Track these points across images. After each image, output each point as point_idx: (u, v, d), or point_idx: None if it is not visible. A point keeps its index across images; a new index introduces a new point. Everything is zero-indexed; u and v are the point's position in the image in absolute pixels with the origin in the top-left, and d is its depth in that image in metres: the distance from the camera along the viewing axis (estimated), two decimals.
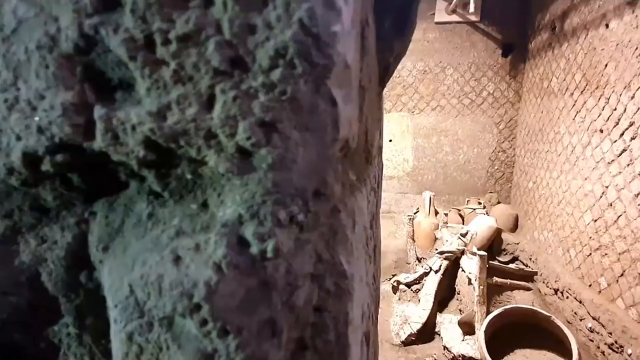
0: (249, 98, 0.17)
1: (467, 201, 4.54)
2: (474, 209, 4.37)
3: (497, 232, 4.16)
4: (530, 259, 3.82)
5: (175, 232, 0.19)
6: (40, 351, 0.24)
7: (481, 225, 4.07)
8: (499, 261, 4.12)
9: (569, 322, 3.07)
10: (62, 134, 0.17)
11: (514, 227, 4.32)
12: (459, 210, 4.40)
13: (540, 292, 3.58)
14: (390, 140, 4.76)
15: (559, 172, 3.43)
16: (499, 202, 4.56)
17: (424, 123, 4.64)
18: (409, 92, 4.61)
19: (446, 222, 4.07)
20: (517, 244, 4.12)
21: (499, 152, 4.52)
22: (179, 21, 0.16)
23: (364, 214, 0.37)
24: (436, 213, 4.30)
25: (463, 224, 4.30)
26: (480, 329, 2.32)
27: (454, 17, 4.26)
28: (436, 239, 4.01)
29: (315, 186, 0.20)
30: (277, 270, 0.19)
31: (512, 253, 4.17)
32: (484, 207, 4.42)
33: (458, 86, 4.47)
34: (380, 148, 0.66)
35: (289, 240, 0.19)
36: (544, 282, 3.51)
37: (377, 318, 0.68)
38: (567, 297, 3.10)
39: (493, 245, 4.20)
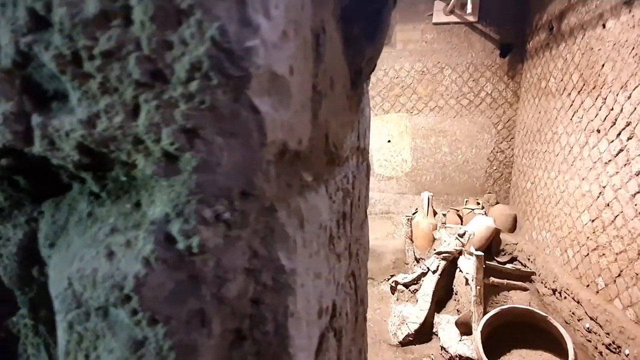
0: (170, 107, 0.19)
1: (466, 201, 4.54)
2: (473, 210, 4.36)
3: (496, 233, 4.15)
4: (529, 259, 3.81)
5: (110, 229, 0.21)
6: (2, 340, 0.26)
7: (479, 226, 4.07)
8: (498, 261, 4.12)
9: (566, 323, 3.07)
10: (5, 140, 0.19)
11: (513, 228, 4.31)
12: (458, 210, 4.40)
13: (538, 292, 3.57)
14: (389, 141, 4.77)
15: (557, 173, 3.42)
16: (497, 203, 4.55)
17: (422, 124, 4.64)
18: (407, 93, 4.62)
19: (444, 223, 4.07)
20: (516, 244, 4.11)
21: (497, 152, 4.52)
22: (102, 39, 0.18)
23: (321, 213, 0.39)
24: (435, 213, 4.30)
25: (462, 224, 4.30)
26: (477, 329, 2.32)
27: (452, 18, 4.27)
28: (434, 239, 4.01)
29: (242, 187, 0.21)
30: (206, 264, 0.21)
31: (510, 253, 4.16)
32: (483, 208, 4.42)
33: (456, 87, 4.47)
34: (359, 149, 0.67)
35: (216, 237, 0.21)
36: (542, 283, 3.50)
37: (359, 316, 0.69)
38: (565, 297, 3.10)
39: (491, 246, 4.19)
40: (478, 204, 4.47)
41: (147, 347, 0.20)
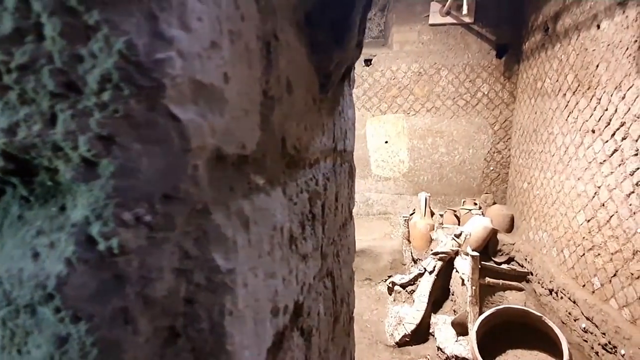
0: (85, 116, 0.20)
1: (463, 202, 4.53)
2: (470, 210, 4.36)
3: (493, 233, 4.15)
4: (526, 259, 3.80)
5: (37, 231, 0.22)
6: None
7: (476, 226, 4.07)
8: (495, 262, 4.11)
9: (563, 323, 3.06)
10: None
11: (510, 228, 4.31)
12: (455, 211, 4.40)
13: (535, 292, 3.56)
14: (386, 142, 4.78)
15: (553, 173, 3.42)
16: (494, 203, 4.54)
17: (419, 124, 4.65)
18: (404, 94, 4.63)
19: (442, 223, 4.07)
20: (513, 244, 4.10)
21: (494, 152, 4.51)
22: (17, 53, 0.19)
23: (275, 214, 0.40)
24: (432, 214, 4.30)
25: (459, 224, 4.30)
26: (472, 330, 2.32)
27: (448, 19, 4.28)
28: (432, 240, 4.01)
29: (164, 191, 0.23)
30: (130, 264, 0.22)
31: (507, 253, 4.15)
32: (480, 208, 4.41)
33: (453, 87, 4.48)
34: (336, 151, 0.68)
35: (138, 238, 0.22)
36: (539, 283, 3.49)
37: (341, 316, 0.69)
38: (562, 298, 3.09)
39: (489, 246, 4.19)
40: (475, 204, 4.47)
41: (70, 343, 0.21)
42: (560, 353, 2.20)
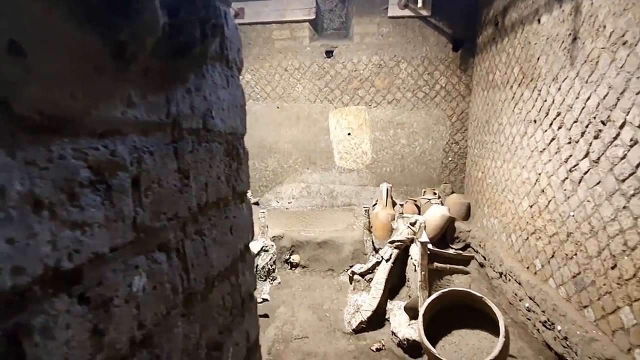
0: None
1: (424, 192, 4.67)
2: (430, 200, 4.50)
3: (450, 221, 4.31)
4: (480, 245, 3.98)
5: None
6: None
7: (435, 215, 4.21)
8: (453, 249, 4.28)
9: (510, 303, 3.24)
10: None
11: (467, 216, 4.49)
12: (415, 201, 4.52)
13: (487, 276, 3.74)
14: (349, 134, 4.81)
15: (502, 162, 3.59)
16: (452, 192, 4.71)
17: (380, 116, 4.72)
18: (365, 86, 4.67)
19: (402, 213, 4.17)
20: (469, 231, 4.28)
21: (452, 143, 4.67)
22: None
23: (12, 182, 0.35)
24: (394, 204, 4.40)
25: (419, 214, 4.42)
26: (420, 313, 2.40)
27: (407, 12, 4.34)
28: (393, 229, 4.11)
29: None
30: None
31: (464, 240, 4.33)
32: (439, 197, 4.56)
33: (412, 80, 4.57)
34: (177, 127, 0.60)
35: None
36: (491, 267, 3.67)
37: (193, 293, 0.63)
38: (510, 280, 3.27)
39: (447, 234, 4.35)
40: (435, 193, 4.62)
41: None
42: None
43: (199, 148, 0.61)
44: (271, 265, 3.80)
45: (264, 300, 3.20)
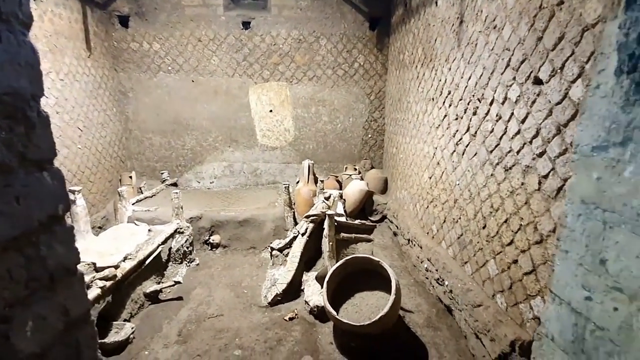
0: None
1: (345, 168, 4.84)
2: (350, 175, 4.69)
3: (369, 195, 4.56)
4: (394, 216, 4.30)
5: None
6: None
7: (354, 189, 4.41)
8: (371, 220, 4.56)
9: (414, 266, 3.59)
10: None
11: (384, 189, 4.79)
12: (337, 176, 4.67)
13: (399, 243, 4.09)
14: (271, 111, 4.74)
15: (410, 137, 3.85)
16: (372, 168, 4.97)
17: (302, 93, 4.70)
18: (285, 61, 4.58)
19: (322, 189, 4.29)
20: (385, 204, 4.59)
21: (371, 121, 4.87)
22: None
23: None
24: (316, 181, 4.50)
25: (340, 189, 4.60)
26: (324, 281, 2.53)
27: None
28: (314, 204, 4.21)
29: None
30: None
31: (381, 212, 4.64)
32: (359, 173, 4.78)
33: (332, 57, 4.60)
34: None
35: None
36: (402, 235, 4.00)
37: None
38: (414, 245, 3.60)
39: (365, 207, 4.61)
40: (355, 169, 4.82)
41: None
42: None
43: None
44: (187, 247, 3.67)
45: (176, 282, 3.09)
